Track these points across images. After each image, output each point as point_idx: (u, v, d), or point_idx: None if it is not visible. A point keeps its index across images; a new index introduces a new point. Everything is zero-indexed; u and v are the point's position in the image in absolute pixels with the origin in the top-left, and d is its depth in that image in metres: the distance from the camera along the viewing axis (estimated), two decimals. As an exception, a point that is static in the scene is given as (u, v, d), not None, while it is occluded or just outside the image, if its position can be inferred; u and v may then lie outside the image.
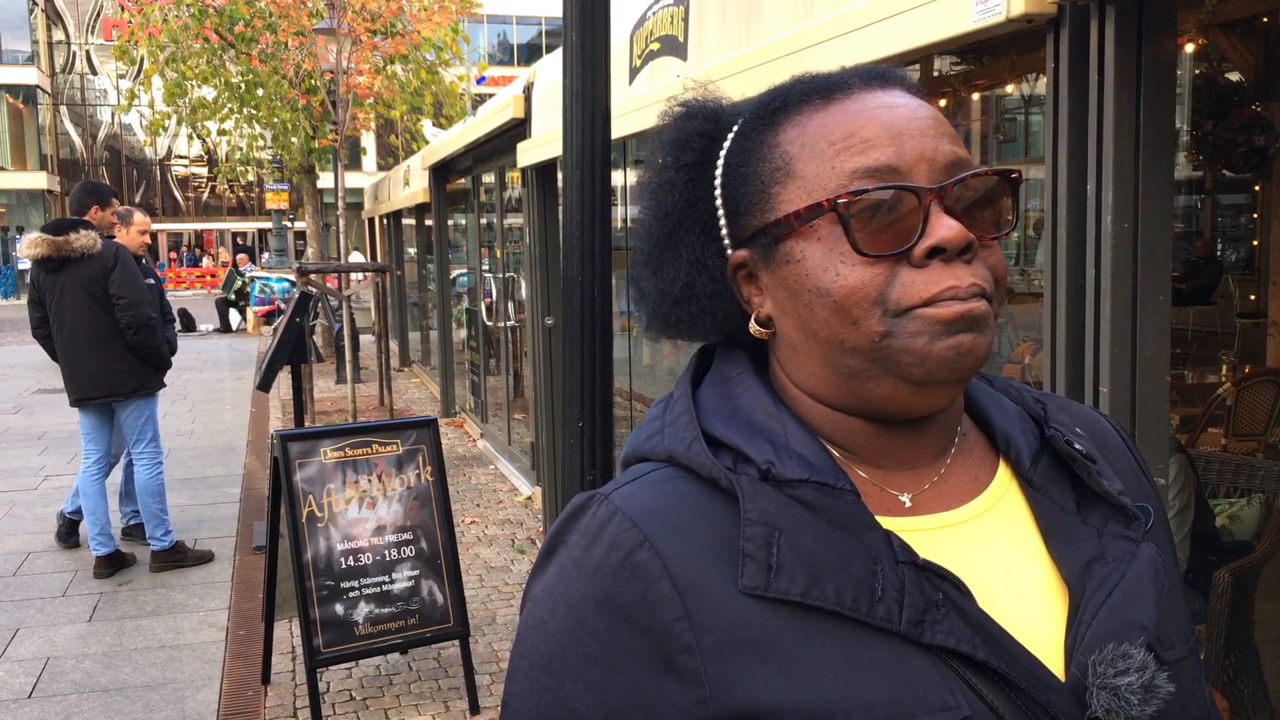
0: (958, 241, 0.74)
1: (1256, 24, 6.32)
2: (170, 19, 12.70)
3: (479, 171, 8.88)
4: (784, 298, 0.80)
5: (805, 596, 0.72)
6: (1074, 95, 2.06)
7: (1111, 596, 0.77)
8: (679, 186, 0.85)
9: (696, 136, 0.86)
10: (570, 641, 0.75)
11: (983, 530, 0.81)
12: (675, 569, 0.73)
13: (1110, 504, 0.82)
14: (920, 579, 0.73)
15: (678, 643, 0.72)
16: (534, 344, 6.57)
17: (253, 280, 19.70)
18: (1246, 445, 5.31)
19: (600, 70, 2.84)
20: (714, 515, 0.75)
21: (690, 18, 3.83)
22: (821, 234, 0.77)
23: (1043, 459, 0.84)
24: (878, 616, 0.71)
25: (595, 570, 0.75)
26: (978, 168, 0.78)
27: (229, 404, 11.27)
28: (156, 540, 5.61)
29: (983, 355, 0.76)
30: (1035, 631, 0.77)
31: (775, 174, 0.80)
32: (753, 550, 0.73)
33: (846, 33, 2.59)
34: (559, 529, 0.80)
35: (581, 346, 2.89)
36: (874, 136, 0.77)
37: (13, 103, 40.39)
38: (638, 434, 0.85)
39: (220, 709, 4.07)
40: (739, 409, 0.81)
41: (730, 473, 0.76)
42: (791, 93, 0.82)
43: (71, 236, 5.32)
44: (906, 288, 0.75)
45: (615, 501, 0.77)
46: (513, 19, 42.96)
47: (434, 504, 4.10)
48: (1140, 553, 0.80)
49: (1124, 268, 2.02)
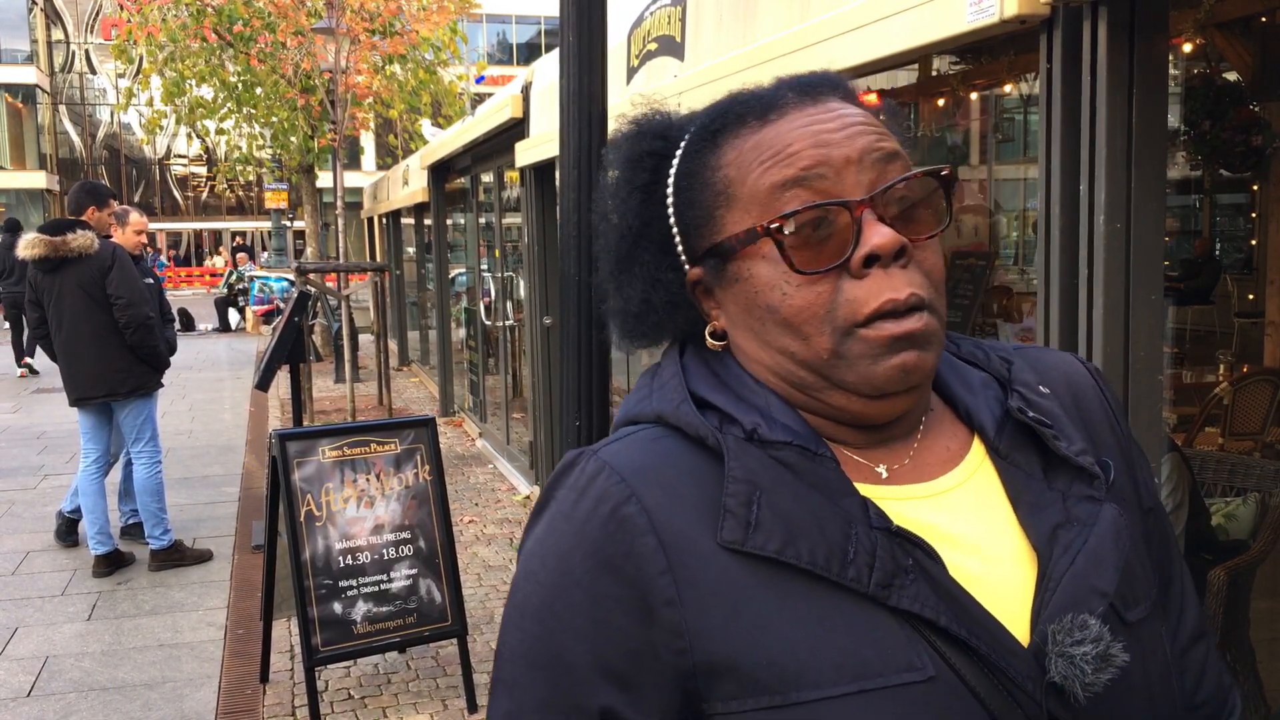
0: (890, 248, 0.77)
1: (1254, 24, 6.32)
2: (169, 18, 12.70)
3: (478, 171, 8.89)
4: (737, 313, 0.84)
5: (780, 554, 0.74)
6: (1067, 96, 2.07)
7: (1075, 563, 0.79)
8: (633, 207, 0.87)
9: (647, 156, 0.88)
10: (559, 591, 0.78)
11: (957, 502, 0.83)
12: (660, 523, 0.76)
13: (1073, 465, 0.84)
14: (892, 544, 0.76)
15: (661, 595, 0.75)
16: (532, 343, 6.58)
17: (252, 280, 19.70)
18: (1244, 444, 5.31)
19: (597, 70, 2.85)
20: (699, 472, 0.78)
21: (687, 18, 3.84)
22: (765, 253, 0.80)
23: (1007, 427, 0.86)
24: (848, 577, 0.74)
25: (583, 522, 0.78)
26: (910, 168, 0.80)
27: (228, 403, 11.28)
28: (155, 539, 5.61)
29: (930, 367, 0.79)
30: (1004, 599, 0.79)
31: (718, 197, 0.83)
32: (734, 506, 0.75)
33: (842, 33, 2.61)
34: (550, 485, 0.83)
35: (579, 346, 2.90)
36: (800, 150, 0.79)
37: (12, 102, 40.38)
38: (627, 402, 0.88)
39: (219, 707, 4.08)
40: (725, 380, 0.84)
41: (717, 431, 0.79)
42: (730, 113, 0.85)
43: (69, 237, 5.32)
44: (850, 302, 0.77)
45: (604, 457, 0.80)
46: (512, 18, 42.96)
47: (432, 503, 4.11)
48: (1102, 514, 0.82)
49: (1116, 267, 2.03)
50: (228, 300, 20.02)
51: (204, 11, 12.59)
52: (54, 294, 5.39)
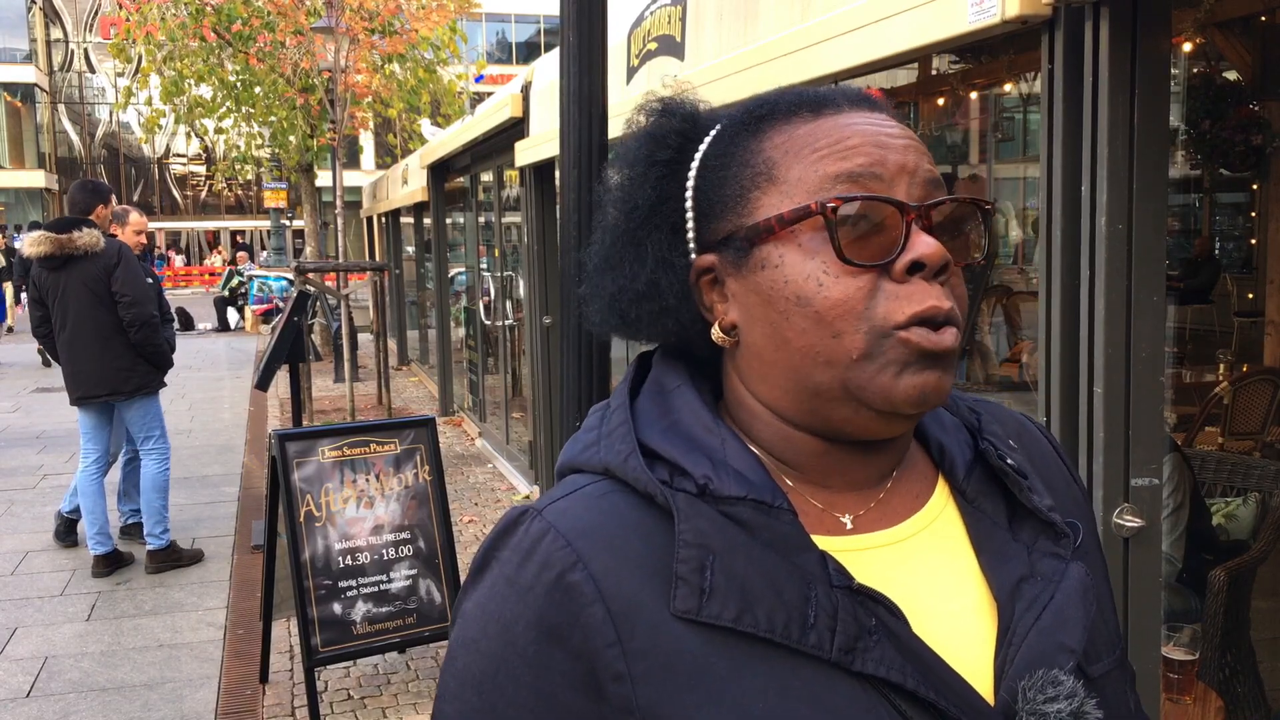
0: (937, 260, 0.74)
1: (1254, 23, 6.33)
2: (168, 17, 12.69)
3: (477, 170, 8.89)
4: (755, 304, 0.78)
5: (737, 623, 0.71)
6: (1069, 96, 2.07)
7: (1041, 618, 0.77)
8: (650, 181, 0.84)
9: (673, 134, 0.84)
10: (501, 663, 0.74)
11: (919, 547, 0.80)
12: (608, 591, 0.72)
13: (1040, 520, 0.82)
14: (854, 604, 0.72)
15: (609, 670, 0.71)
16: (532, 343, 6.58)
17: (251, 279, 19.69)
18: (1244, 444, 5.31)
19: (597, 70, 2.85)
20: (648, 532, 0.74)
21: (688, 18, 3.84)
22: (802, 240, 0.76)
23: (976, 471, 0.84)
24: (809, 644, 0.71)
25: (527, 590, 0.74)
26: (953, 194, 0.78)
27: (227, 403, 11.27)
28: (155, 538, 5.59)
29: (946, 393, 0.77)
30: (966, 652, 0.76)
31: (756, 178, 0.79)
32: (685, 573, 0.71)
33: (843, 33, 2.60)
34: (491, 544, 0.79)
35: (579, 345, 2.90)
36: (859, 145, 0.77)
37: (11, 101, 40.37)
38: (573, 444, 0.83)
39: (218, 708, 4.08)
40: (677, 422, 0.80)
41: (666, 488, 0.74)
42: (780, 103, 0.82)
43: (74, 234, 5.31)
44: (891, 301, 0.74)
45: (549, 518, 0.75)
46: (511, 17, 42.95)
47: (432, 503, 4.11)
48: (1069, 572, 0.80)
49: (1118, 268, 2.02)
50: (227, 300, 20.02)
51: (203, 10, 12.58)
52: (58, 292, 5.38)
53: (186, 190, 46.13)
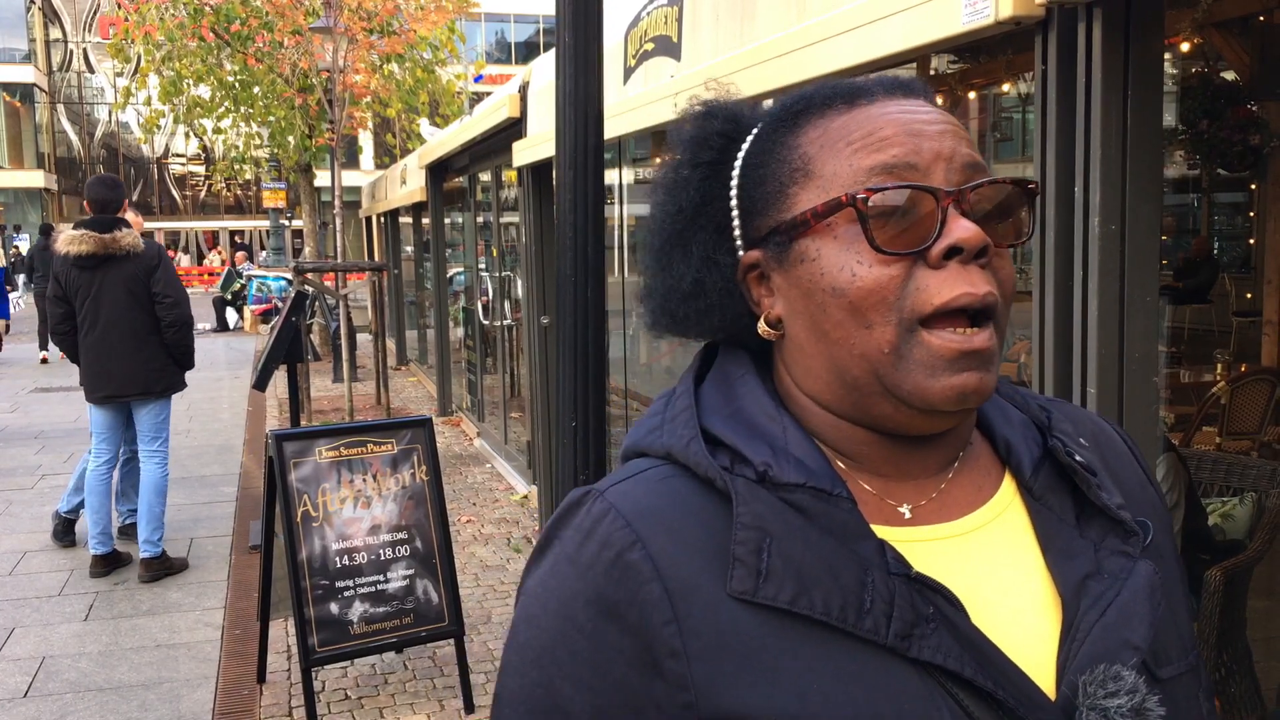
0: (975, 243, 0.74)
1: (1252, 23, 6.33)
2: (166, 17, 12.70)
3: (476, 170, 8.89)
4: (796, 298, 0.80)
5: (793, 604, 0.71)
6: (1062, 97, 2.07)
7: (1105, 615, 0.76)
8: (694, 184, 0.85)
9: (716, 136, 0.86)
10: (560, 638, 0.76)
11: (982, 542, 0.80)
12: (666, 570, 0.73)
13: (1109, 518, 0.81)
14: (911, 592, 0.73)
15: (665, 646, 0.72)
16: (530, 343, 6.58)
17: (250, 279, 19.69)
18: (1241, 444, 5.32)
19: (594, 71, 2.85)
20: (708, 516, 0.75)
21: (684, 18, 3.84)
22: (838, 232, 0.77)
23: (1044, 468, 0.84)
24: (865, 628, 0.71)
25: (587, 568, 0.75)
26: (995, 176, 0.78)
27: (225, 403, 11.27)
28: (152, 545, 5.50)
29: (987, 392, 0.76)
30: (1028, 647, 0.76)
31: (794, 174, 0.80)
32: (743, 555, 0.72)
33: (838, 34, 2.60)
34: (554, 524, 0.81)
35: (575, 346, 2.90)
36: (892, 136, 0.77)
37: (10, 101, 40.35)
38: (638, 428, 0.85)
39: (215, 708, 4.08)
40: (740, 409, 0.81)
41: (726, 473, 0.76)
42: (815, 97, 0.83)
43: (118, 234, 5.30)
44: (922, 290, 0.74)
45: (610, 499, 0.77)
46: (510, 17, 42.95)
47: (429, 503, 4.11)
48: (1137, 570, 0.79)
49: (1111, 269, 2.03)
50: (226, 300, 20.01)
51: (201, 10, 12.58)
52: (92, 291, 5.31)
53: (185, 190, 46.13)
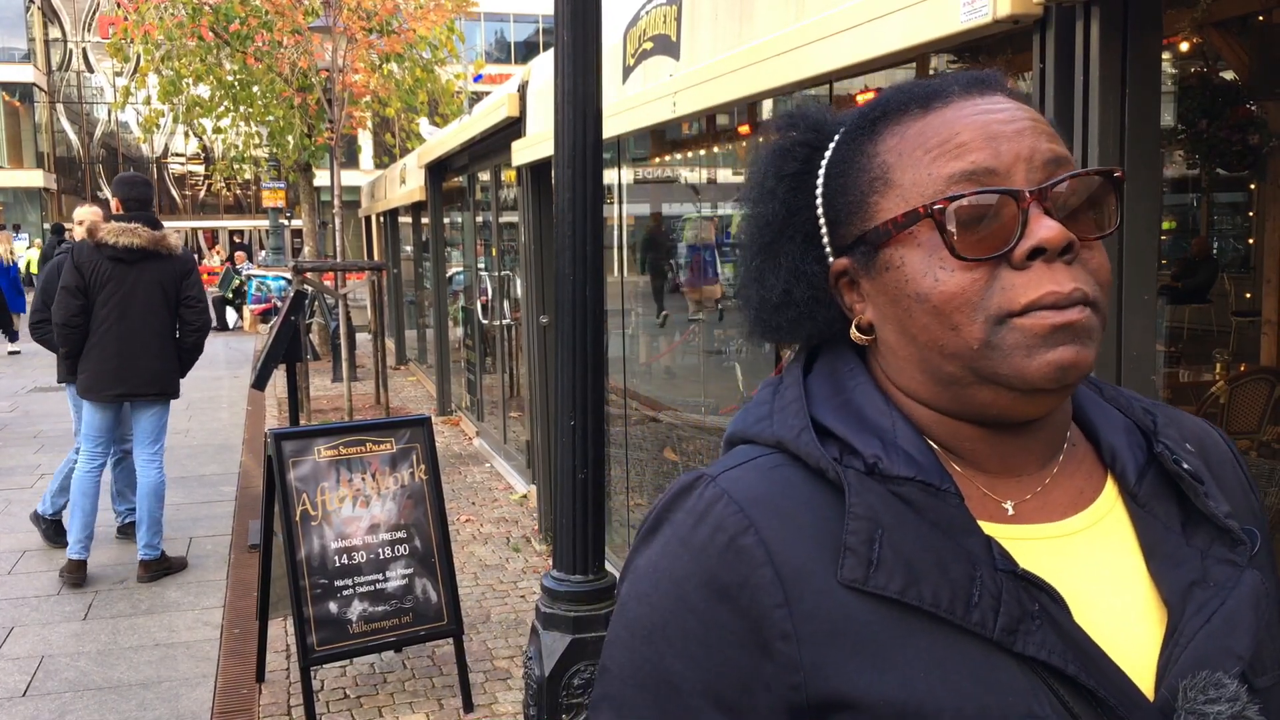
0: (1058, 242, 0.74)
1: (1251, 23, 6.33)
2: (165, 17, 12.69)
3: (475, 170, 8.89)
4: (884, 304, 0.81)
5: (903, 595, 0.73)
6: (1060, 96, 2.07)
7: (1210, 622, 0.77)
8: (780, 196, 0.87)
9: (799, 146, 0.87)
10: (672, 616, 0.77)
11: (1085, 545, 0.81)
12: (778, 556, 0.75)
13: (1216, 526, 0.81)
14: (1017, 588, 0.74)
15: (776, 629, 0.74)
16: (529, 342, 6.58)
17: (249, 279, 19.69)
18: (1240, 444, 5.31)
19: (592, 70, 2.85)
20: (819, 505, 0.77)
21: (683, 17, 3.84)
22: (920, 240, 0.77)
23: (1149, 475, 0.84)
24: (972, 621, 0.72)
25: (700, 550, 0.77)
26: (1078, 168, 0.78)
27: (225, 402, 11.27)
28: (153, 549, 5.47)
29: (1086, 366, 0.76)
30: (1129, 649, 0.77)
31: (874, 183, 0.80)
32: (855, 544, 0.74)
33: (836, 33, 2.61)
34: (665, 506, 0.82)
35: (573, 345, 2.90)
36: (970, 141, 0.77)
37: (9, 100, 40.33)
38: (745, 416, 0.86)
39: (214, 707, 4.08)
40: (849, 402, 0.82)
41: (837, 464, 0.77)
42: (891, 102, 0.83)
43: (166, 233, 5.34)
44: (1007, 290, 0.75)
45: (722, 484, 0.79)
46: (510, 16, 42.93)
47: (428, 502, 4.11)
48: (1244, 580, 0.80)
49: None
50: (226, 299, 20.01)
51: (201, 10, 12.58)
52: (123, 286, 5.25)
53: (185, 190, 46.10)
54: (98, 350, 5.30)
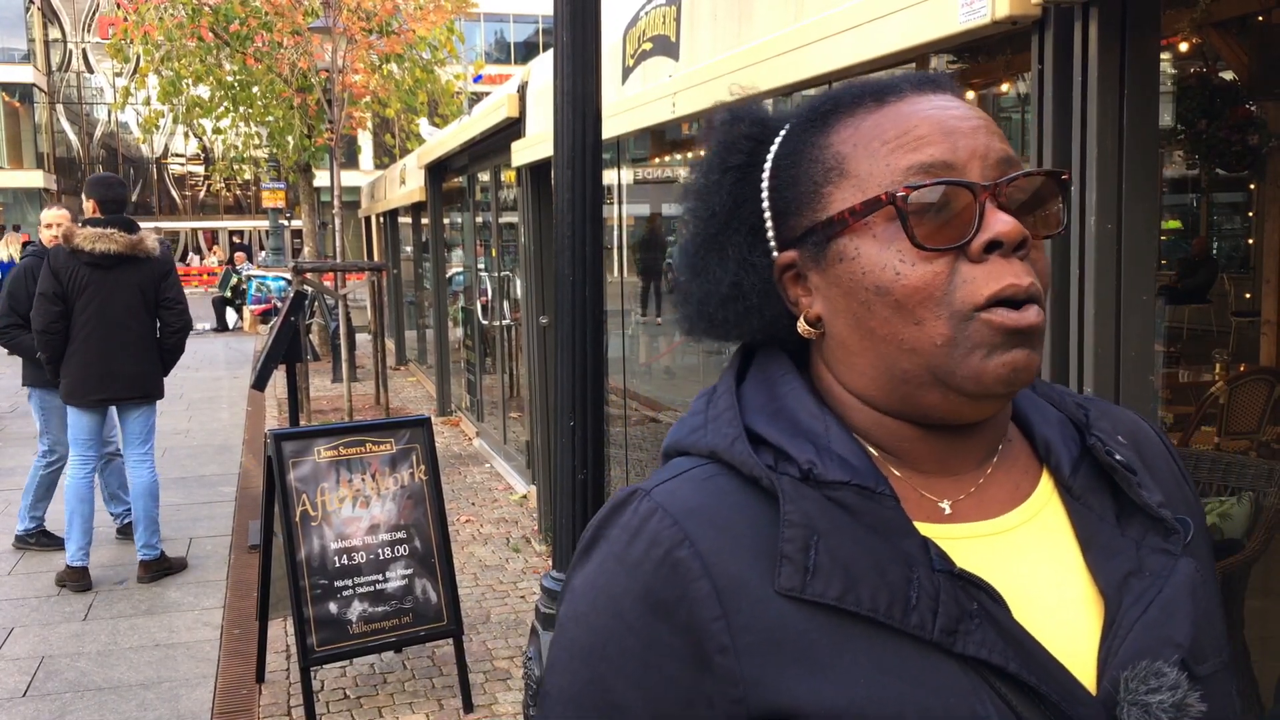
0: (1014, 236, 0.75)
1: (1250, 23, 6.33)
2: (165, 17, 12.70)
3: (475, 170, 8.89)
4: (837, 296, 0.80)
5: (840, 601, 0.72)
6: (1058, 96, 2.07)
7: (1147, 612, 0.77)
8: (725, 188, 0.86)
9: (743, 139, 0.86)
10: (610, 635, 0.76)
11: (1022, 540, 0.81)
12: (714, 568, 0.74)
13: (1150, 516, 0.82)
14: (955, 588, 0.74)
15: (714, 642, 0.73)
16: (529, 343, 6.58)
17: (249, 279, 19.70)
18: (1240, 444, 5.32)
19: (591, 71, 2.85)
20: (754, 514, 0.76)
21: (682, 18, 3.85)
22: (877, 230, 0.77)
23: (1083, 467, 0.84)
24: (911, 624, 0.72)
25: (636, 566, 0.76)
26: (1027, 169, 0.79)
27: (225, 403, 11.27)
28: (152, 549, 5.47)
29: (1035, 370, 0.77)
30: (1069, 644, 0.77)
31: (828, 174, 0.80)
32: (791, 552, 0.73)
33: (835, 34, 2.61)
34: (601, 522, 0.81)
35: (573, 346, 2.90)
36: (928, 134, 0.77)
37: (9, 101, 40.34)
38: (680, 427, 0.85)
39: (214, 707, 4.08)
40: (783, 408, 0.82)
41: (772, 472, 0.76)
42: (844, 96, 0.83)
43: (143, 235, 5.29)
44: (969, 284, 0.75)
45: (657, 498, 0.78)
46: (509, 17, 42.94)
47: (428, 503, 4.11)
48: (1178, 568, 0.80)
49: (1107, 268, 2.03)
50: (226, 300, 20.03)
51: (200, 11, 12.59)
52: (102, 290, 5.20)
53: (185, 190, 46.11)
54: (79, 355, 5.24)
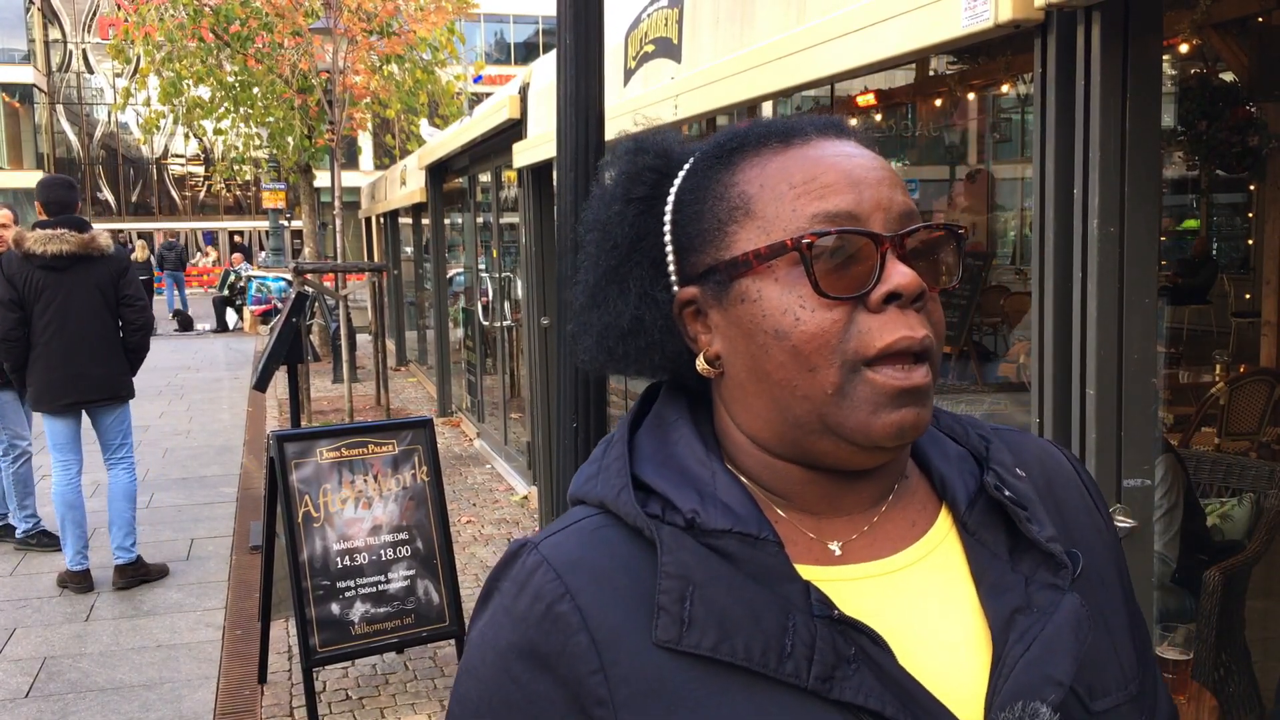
0: (913, 288, 0.76)
1: (1250, 24, 6.34)
2: (166, 18, 12.71)
3: (475, 171, 8.90)
4: (736, 337, 0.80)
5: (715, 651, 0.72)
6: (1061, 99, 2.08)
7: (1030, 650, 0.77)
8: (628, 220, 0.85)
9: (647, 171, 0.86)
10: (497, 689, 0.78)
11: (914, 579, 0.81)
12: (593, 620, 0.75)
13: (1041, 551, 0.82)
14: (834, 633, 0.74)
15: (592, 695, 0.74)
16: (530, 343, 6.59)
17: (249, 279, 19.70)
18: (1240, 444, 5.32)
19: (594, 73, 2.85)
20: (637, 566, 0.76)
21: (685, 20, 3.85)
22: (779, 275, 0.77)
23: (979, 503, 0.84)
24: (786, 672, 0.72)
25: (520, 619, 0.77)
26: (926, 222, 0.80)
27: (226, 404, 11.28)
28: (126, 552, 5.39)
29: (924, 426, 0.78)
30: (957, 684, 0.77)
31: (733, 212, 0.80)
32: (667, 603, 0.74)
33: (837, 37, 2.61)
34: (495, 574, 0.82)
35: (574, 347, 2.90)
36: (834, 183, 0.78)
37: (9, 101, 40.33)
38: (579, 475, 0.86)
39: (216, 708, 4.09)
40: (672, 455, 0.82)
41: (654, 522, 0.77)
42: (750, 135, 0.83)
43: (95, 234, 5.23)
44: (864, 334, 0.76)
45: (543, 551, 0.79)
46: (510, 18, 42.93)
47: (429, 504, 4.12)
48: (1064, 604, 0.80)
49: (1110, 270, 2.04)
50: (226, 300, 20.03)
51: (201, 11, 12.59)
52: (59, 294, 5.13)
53: (185, 191, 46.09)
54: (43, 361, 5.18)
